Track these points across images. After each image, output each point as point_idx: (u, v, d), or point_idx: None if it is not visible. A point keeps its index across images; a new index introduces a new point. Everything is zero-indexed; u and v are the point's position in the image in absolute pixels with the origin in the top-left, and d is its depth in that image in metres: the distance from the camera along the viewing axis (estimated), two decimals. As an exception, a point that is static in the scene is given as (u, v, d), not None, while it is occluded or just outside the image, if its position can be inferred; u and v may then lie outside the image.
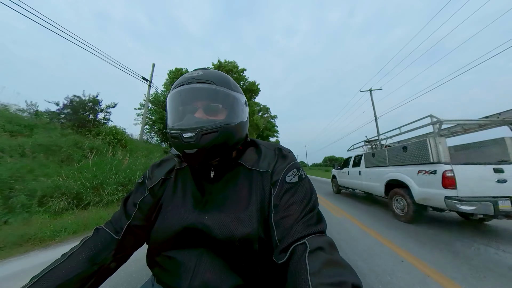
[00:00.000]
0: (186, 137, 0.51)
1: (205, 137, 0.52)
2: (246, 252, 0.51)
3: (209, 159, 0.55)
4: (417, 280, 1.84)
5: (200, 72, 0.58)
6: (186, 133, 0.51)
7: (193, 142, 0.51)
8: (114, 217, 0.63)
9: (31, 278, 0.46)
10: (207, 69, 0.61)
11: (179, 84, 0.57)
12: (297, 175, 0.56)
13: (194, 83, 0.55)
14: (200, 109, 0.56)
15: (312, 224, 0.47)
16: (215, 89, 0.56)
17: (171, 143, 0.56)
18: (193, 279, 0.49)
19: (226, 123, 0.55)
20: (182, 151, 0.53)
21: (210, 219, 0.53)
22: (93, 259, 0.53)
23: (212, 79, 0.57)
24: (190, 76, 0.57)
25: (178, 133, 0.52)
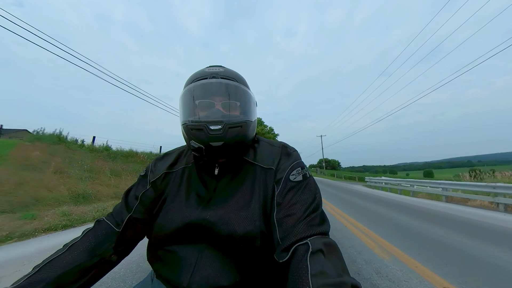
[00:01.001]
0: (213, 129, 0.51)
1: (231, 131, 0.52)
2: (248, 249, 0.50)
3: (231, 154, 0.56)
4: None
5: (221, 69, 0.59)
6: (213, 125, 0.51)
7: (220, 134, 0.51)
8: (115, 209, 0.63)
9: (33, 268, 0.47)
10: (223, 66, 0.62)
11: (201, 77, 0.57)
12: (302, 174, 0.55)
13: (218, 78, 0.56)
14: (222, 104, 0.56)
15: (315, 224, 0.47)
16: (238, 87, 0.57)
17: (190, 135, 0.55)
18: (194, 275, 0.49)
19: (247, 119, 0.57)
20: (206, 143, 0.53)
21: (213, 216, 0.53)
22: (94, 250, 0.53)
23: (234, 76, 0.59)
24: (213, 71, 0.58)
25: (203, 124, 0.52)
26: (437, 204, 6.76)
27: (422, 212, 5.56)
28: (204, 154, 0.56)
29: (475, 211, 5.59)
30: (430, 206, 6.56)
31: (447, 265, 2.38)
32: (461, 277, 2.10)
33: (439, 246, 3.03)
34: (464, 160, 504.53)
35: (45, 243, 3.12)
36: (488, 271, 2.24)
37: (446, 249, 2.93)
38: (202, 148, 0.54)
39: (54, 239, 3.33)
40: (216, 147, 0.53)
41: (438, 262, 2.46)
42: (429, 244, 3.10)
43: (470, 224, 4.28)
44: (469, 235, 3.56)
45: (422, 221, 4.60)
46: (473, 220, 4.62)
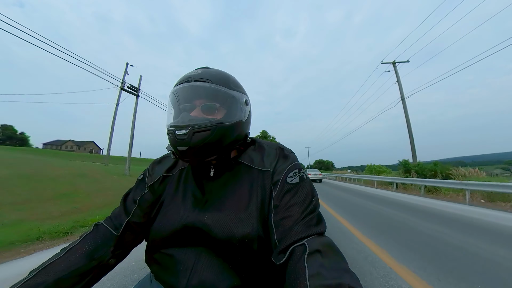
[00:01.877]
0: (178, 134, 0.52)
1: (196, 135, 0.52)
2: (245, 252, 0.50)
3: (202, 157, 0.55)
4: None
5: (200, 71, 0.58)
6: (179, 130, 0.52)
7: (184, 139, 0.52)
8: (113, 213, 0.63)
9: (30, 272, 0.47)
10: (208, 68, 0.61)
11: (178, 82, 0.57)
12: (299, 176, 0.55)
13: (191, 82, 0.55)
14: (197, 108, 0.56)
15: (312, 225, 0.47)
16: (211, 88, 0.56)
17: (168, 139, 0.57)
18: (191, 278, 0.49)
19: (221, 122, 0.54)
20: (175, 147, 0.54)
21: (210, 218, 0.53)
22: (92, 254, 0.53)
23: (210, 77, 0.56)
24: (190, 75, 0.57)
25: (172, 130, 0.53)
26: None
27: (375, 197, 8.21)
28: (176, 157, 0.58)
29: (441, 203, 6.85)
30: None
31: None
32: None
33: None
34: (457, 160, 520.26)
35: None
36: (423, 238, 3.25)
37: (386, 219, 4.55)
38: (172, 151, 0.57)
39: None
40: (182, 151, 0.53)
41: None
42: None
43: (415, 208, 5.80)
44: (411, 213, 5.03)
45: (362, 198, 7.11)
46: (425, 207, 5.98)
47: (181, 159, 0.56)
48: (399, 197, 8.40)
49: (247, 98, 0.65)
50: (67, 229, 3.28)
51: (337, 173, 27.97)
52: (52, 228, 3.24)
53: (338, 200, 7.69)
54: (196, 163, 0.59)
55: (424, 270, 2.18)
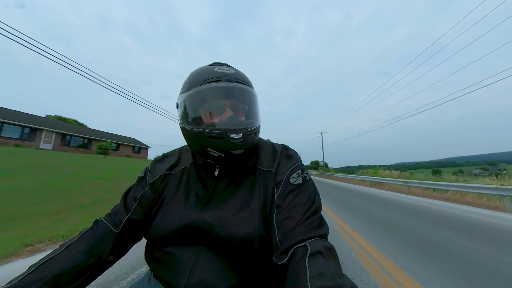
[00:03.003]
0: (234, 138, 0.50)
1: (249, 138, 0.53)
2: (246, 251, 0.50)
3: (244, 160, 0.58)
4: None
5: (232, 70, 0.57)
6: (234, 133, 0.51)
7: (241, 142, 0.51)
8: (113, 210, 0.62)
9: (29, 267, 0.46)
10: (230, 65, 0.60)
11: (213, 79, 0.53)
12: (302, 177, 0.55)
13: (232, 81, 0.54)
14: (233, 109, 0.55)
15: (314, 227, 0.47)
16: (251, 92, 0.57)
17: (207, 143, 0.53)
18: (191, 277, 0.49)
19: (259, 124, 0.59)
20: (227, 152, 0.52)
21: (211, 217, 0.52)
22: (91, 251, 0.52)
23: (245, 80, 0.57)
24: (225, 72, 0.55)
25: (224, 133, 0.50)
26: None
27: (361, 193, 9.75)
28: (222, 161, 0.55)
29: (413, 197, 8.30)
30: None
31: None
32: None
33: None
34: (450, 161, 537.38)
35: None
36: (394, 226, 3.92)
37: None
38: (221, 156, 0.53)
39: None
40: (237, 155, 0.53)
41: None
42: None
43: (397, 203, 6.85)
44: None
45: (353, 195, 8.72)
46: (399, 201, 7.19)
47: (227, 162, 0.56)
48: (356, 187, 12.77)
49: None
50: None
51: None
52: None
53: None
54: (227, 163, 0.58)
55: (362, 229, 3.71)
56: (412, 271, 2.14)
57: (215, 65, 0.58)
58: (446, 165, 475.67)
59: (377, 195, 8.58)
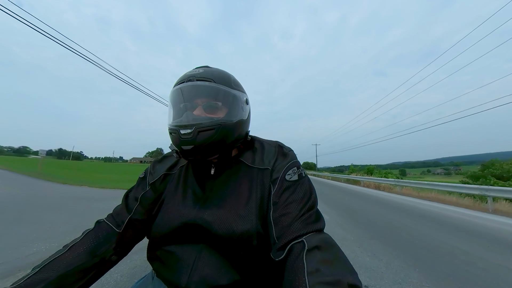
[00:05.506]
0: (183, 134, 0.52)
1: (201, 134, 0.52)
2: (245, 248, 0.50)
3: (206, 156, 0.55)
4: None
5: (201, 70, 0.58)
6: (183, 129, 0.52)
7: (189, 138, 0.52)
8: (115, 210, 0.63)
9: (33, 268, 0.46)
10: (208, 67, 0.61)
11: (180, 81, 0.57)
12: (297, 174, 0.56)
13: (194, 81, 0.55)
14: (199, 107, 0.56)
15: (310, 222, 0.47)
16: (214, 87, 0.56)
17: (170, 139, 0.57)
18: (192, 274, 0.49)
19: (224, 121, 0.55)
20: (179, 146, 0.54)
21: (210, 215, 0.53)
22: (94, 251, 0.53)
23: (212, 76, 0.56)
24: (191, 74, 0.57)
25: (176, 129, 0.53)
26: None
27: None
28: (180, 156, 0.57)
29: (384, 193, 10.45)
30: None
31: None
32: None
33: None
34: (433, 161, 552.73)
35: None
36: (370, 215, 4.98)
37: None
38: (176, 150, 0.56)
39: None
40: (187, 150, 0.53)
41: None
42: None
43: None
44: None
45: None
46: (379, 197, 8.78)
47: (185, 158, 0.57)
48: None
49: (247, 97, 0.65)
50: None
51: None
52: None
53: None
54: (201, 162, 0.60)
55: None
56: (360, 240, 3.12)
57: (192, 69, 0.60)
58: (429, 164, 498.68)
59: (344, 187, 12.88)
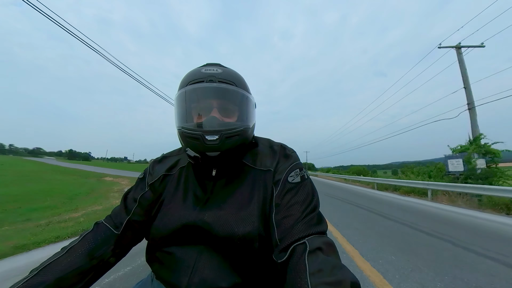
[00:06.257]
0: (209, 140, 0.50)
1: (228, 141, 0.51)
2: (246, 250, 0.50)
3: (228, 161, 0.55)
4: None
5: (219, 70, 0.56)
6: (209, 135, 0.50)
7: (216, 145, 0.50)
8: (114, 212, 0.61)
9: (31, 271, 0.45)
10: (221, 65, 0.59)
11: (197, 80, 0.54)
12: (300, 176, 0.55)
13: (215, 82, 0.53)
14: (218, 109, 0.54)
15: (312, 224, 0.47)
16: (237, 91, 0.55)
17: (186, 143, 0.54)
18: (192, 276, 0.48)
19: (245, 126, 0.55)
20: (202, 153, 0.52)
21: (210, 217, 0.52)
22: (92, 253, 0.52)
23: (233, 79, 0.56)
24: (210, 73, 0.54)
25: (199, 134, 0.50)
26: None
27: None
28: (200, 162, 0.55)
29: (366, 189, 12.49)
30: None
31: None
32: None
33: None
34: (429, 161, 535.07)
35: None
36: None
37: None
38: (198, 156, 0.54)
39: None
40: (213, 157, 0.52)
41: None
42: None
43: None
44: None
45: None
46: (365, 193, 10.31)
47: (206, 164, 0.55)
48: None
49: (255, 101, 0.64)
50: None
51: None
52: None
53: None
54: (208, 165, 0.57)
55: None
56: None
57: (205, 66, 0.57)
58: (424, 164, 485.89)
59: (334, 184, 16.21)
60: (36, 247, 2.88)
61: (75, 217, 4.85)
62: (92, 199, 7.85)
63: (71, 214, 5.20)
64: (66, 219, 4.57)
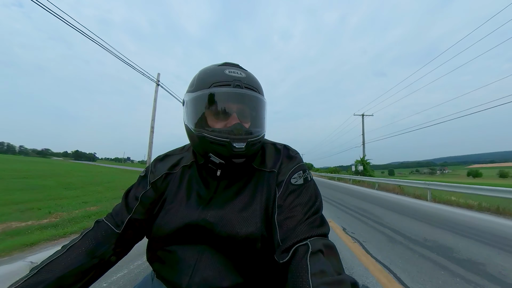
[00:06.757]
0: (237, 147, 0.50)
1: (252, 148, 0.52)
2: (248, 250, 0.50)
3: (247, 164, 0.57)
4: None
5: (243, 74, 0.55)
6: (237, 143, 0.50)
7: (243, 152, 0.50)
8: (115, 210, 0.61)
9: (31, 269, 0.45)
10: (240, 67, 0.58)
11: (223, 83, 0.52)
12: (303, 177, 0.55)
13: (242, 87, 0.52)
14: (242, 115, 0.54)
15: (315, 226, 0.47)
16: (260, 99, 0.56)
17: (209, 148, 0.52)
18: (193, 275, 0.48)
19: (263, 133, 0.57)
20: (228, 160, 0.52)
21: (213, 217, 0.52)
22: (93, 252, 0.51)
23: (256, 85, 0.56)
24: (235, 76, 0.53)
25: (227, 141, 0.50)
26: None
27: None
28: (223, 168, 0.55)
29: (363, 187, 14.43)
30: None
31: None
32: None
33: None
34: (427, 161, 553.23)
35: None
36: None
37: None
38: (222, 163, 0.53)
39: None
40: (238, 164, 0.52)
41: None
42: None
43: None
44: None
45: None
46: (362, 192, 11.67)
47: (229, 169, 0.56)
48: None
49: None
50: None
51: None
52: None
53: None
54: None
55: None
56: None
57: (226, 66, 0.55)
58: (423, 164, 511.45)
59: (329, 183, 18.75)
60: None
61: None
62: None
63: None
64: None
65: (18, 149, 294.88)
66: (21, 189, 6.59)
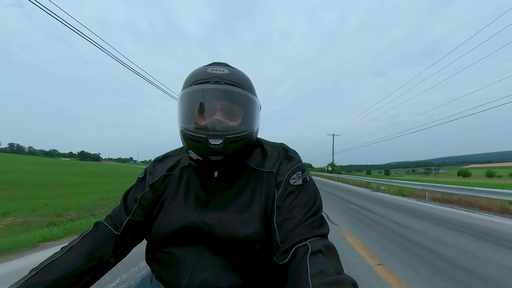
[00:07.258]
0: (213, 144, 0.49)
1: (232, 145, 0.51)
2: (247, 252, 0.49)
3: (231, 164, 0.55)
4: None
5: (226, 71, 0.54)
6: (213, 139, 0.49)
7: (220, 149, 0.49)
8: (114, 212, 0.61)
9: (30, 271, 0.45)
10: (228, 65, 0.57)
11: (203, 80, 0.52)
12: (302, 178, 0.54)
13: (221, 83, 0.52)
14: (223, 112, 0.53)
15: (314, 227, 0.46)
16: (243, 94, 0.54)
17: (189, 145, 0.53)
18: (192, 277, 0.48)
19: (250, 130, 0.55)
20: (205, 156, 0.51)
21: (212, 218, 0.52)
22: (92, 253, 0.51)
23: (240, 81, 0.54)
24: (216, 73, 0.53)
25: (203, 137, 0.49)
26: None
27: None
28: (202, 165, 0.55)
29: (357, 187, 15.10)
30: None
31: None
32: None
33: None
34: (425, 161, 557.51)
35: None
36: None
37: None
38: (200, 159, 0.53)
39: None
40: (215, 161, 0.51)
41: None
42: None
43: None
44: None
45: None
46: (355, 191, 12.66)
47: (208, 167, 0.55)
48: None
49: (260, 103, 0.63)
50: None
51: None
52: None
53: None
54: (210, 166, 0.56)
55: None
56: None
57: (211, 65, 0.56)
58: (421, 164, 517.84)
59: (326, 181, 19.86)
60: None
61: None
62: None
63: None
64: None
65: (27, 150, 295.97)
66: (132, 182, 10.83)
